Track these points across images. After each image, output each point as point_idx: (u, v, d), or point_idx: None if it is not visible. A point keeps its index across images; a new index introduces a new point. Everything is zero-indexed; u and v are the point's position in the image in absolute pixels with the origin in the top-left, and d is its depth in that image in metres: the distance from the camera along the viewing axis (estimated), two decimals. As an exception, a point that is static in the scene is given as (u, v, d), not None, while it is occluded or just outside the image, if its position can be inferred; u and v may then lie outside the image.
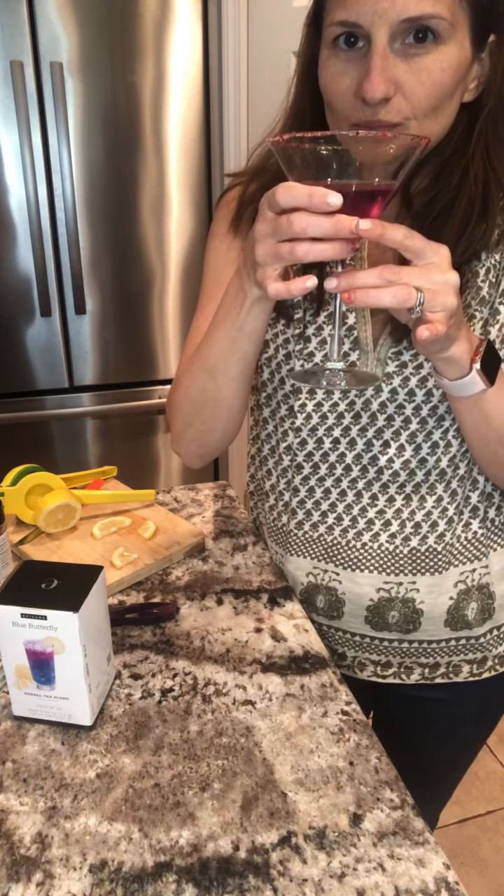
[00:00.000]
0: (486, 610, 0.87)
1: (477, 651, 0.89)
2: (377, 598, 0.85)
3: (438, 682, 0.91)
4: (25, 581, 0.68)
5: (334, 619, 0.89)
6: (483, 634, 0.88)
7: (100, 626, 0.70)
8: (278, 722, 0.70)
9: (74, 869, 0.57)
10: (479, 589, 0.85)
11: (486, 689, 0.92)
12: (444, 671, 0.90)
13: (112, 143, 1.91)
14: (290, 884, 0.55)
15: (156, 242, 2.05)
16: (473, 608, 0.86)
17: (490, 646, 0.89)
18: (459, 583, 0.85)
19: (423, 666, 0.90)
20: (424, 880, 0.56)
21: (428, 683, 0.91)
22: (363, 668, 0.91)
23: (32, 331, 2.03)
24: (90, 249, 1.99)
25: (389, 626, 0.87)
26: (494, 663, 0.90)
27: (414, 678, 0.90)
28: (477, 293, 0.73)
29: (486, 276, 0.73)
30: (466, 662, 0.89)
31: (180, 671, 0.77)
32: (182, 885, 0.55)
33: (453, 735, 0.97)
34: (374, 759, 0.66)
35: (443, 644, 0.88)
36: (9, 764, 0.66)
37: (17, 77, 1.75)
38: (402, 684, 0.91)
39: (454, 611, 0.85)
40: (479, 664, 0.89)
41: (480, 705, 0.96)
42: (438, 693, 0.92)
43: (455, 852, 1.64)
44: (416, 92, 0.62)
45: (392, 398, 0.77)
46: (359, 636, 0.89)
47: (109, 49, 1.82)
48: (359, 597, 0.86)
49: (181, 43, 1.88)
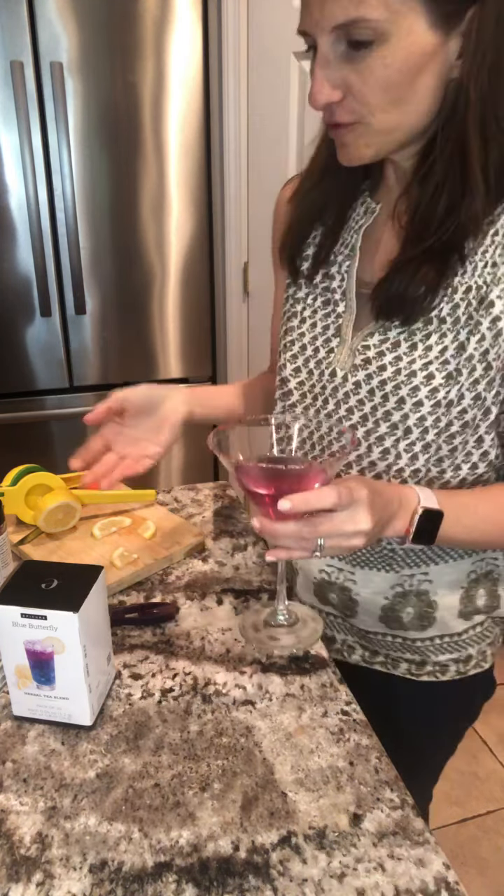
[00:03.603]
0: (424, 617, 0.87)
1: (415, 652, 0.90)
2: (319, 578, 0.90)
3: (380, 671, 0.93)
4: (25, 581, 0.68)
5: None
6: (420, 639, 0.89)
7: (100, 626, 0.70)
8: (278, 722, 0.70)
9: (74, 869, 0.57)
10: (417, 595, 0.86)
11: (435, 691, 0.93)
12: (383, 660, 0.92)
13: (112, 143, 1.91)
14: (290, 884, 0.55)
15: (156, 243, 2.05)
16: (409, 612, 0.87)
17: (428, 651, 0.90)
18: (397, 585, 0.86)
19: (365, 649, 0.93)
20: (424, 880, 0.56)
21: (368, 667, 0.94)
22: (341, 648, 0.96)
23: (32, 331, 2.02)
24: (90, 249, 1.99)
25: (332, 604, 0.92)
26: (434, 669, 0.91)
27: (355, 659, 0.94)
28: (453, 311, 0.72)
29: (466, 295, 0.72)
30: (405, 660, 0.91)
31: (180, 671, 0.77)
32: (182, 885, 0.55)
33: (408, 731, 0.97)
34: (374, 759, 0.66)
35: (380, 636, 0.91)
36: (9, 764, 0.66)
37: (17, 77, 1.75)
38: (356, 665, 0.94)
39: (388, 610, 0.87)
40: (417, 665, 0.91)
41: (430, 707, 0.95)
42: (388, 682, 0.93)
43: (455, 852, 1.64)
44: (363, 92, 0.64)
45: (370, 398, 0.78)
46: (308, 604, 0.94)
47: (109, 49, 1.82)
48: (305, 574, 0.93)
49: (181, 43, 1.88)
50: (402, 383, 0.74)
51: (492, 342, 0.70)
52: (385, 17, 0.60)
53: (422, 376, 0.73)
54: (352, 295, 0.80)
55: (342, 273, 0.81)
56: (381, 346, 0.76)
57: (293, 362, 0.84)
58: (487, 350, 0.71)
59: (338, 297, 0.81)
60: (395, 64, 0.62)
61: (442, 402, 0.73)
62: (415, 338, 0.74)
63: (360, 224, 0.80)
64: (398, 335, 0.75)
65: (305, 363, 0.83)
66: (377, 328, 0.76)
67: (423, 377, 0.73)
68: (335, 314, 0.81)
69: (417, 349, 0.73)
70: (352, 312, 0.80)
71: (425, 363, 0.73)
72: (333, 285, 0.82)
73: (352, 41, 0.62)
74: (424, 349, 0.73)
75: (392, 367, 0.75)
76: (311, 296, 0.84)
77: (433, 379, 0.73)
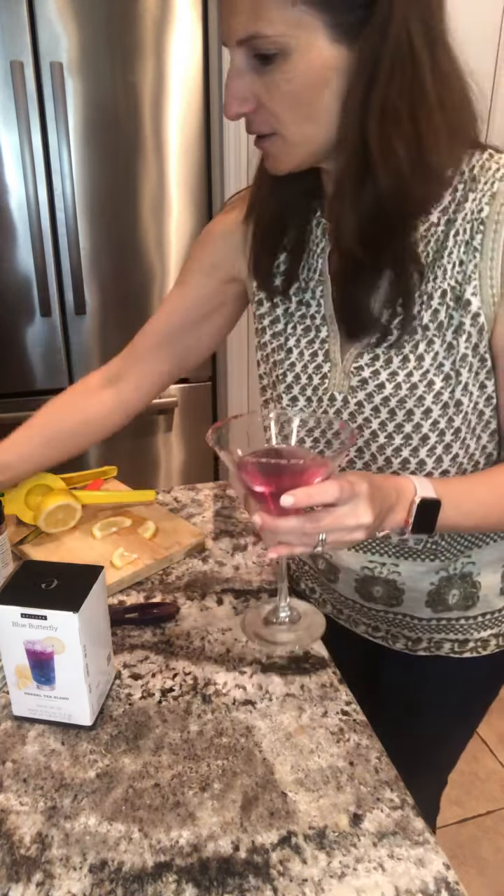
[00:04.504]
0: (469, 597, 0.89)
1: (458, 632, 0.92)
2: (362, 575, 0.89)
3: (421, 655, 0.94)
4: (25, 581, 0.68)
5: (332, 581, 0.94)
6: (464, 618, 0.91)
7: (100, 626, 0.70)
8: (278, 722, 0.70)
9: (74, 869, 0.57)
10: (461, 577, 0.88)
11: (470, 669, 0.94)
12: (426, 646, 0.93)
13: (112, 143, 1.91)
14: (290, 884, 0.55)
15: (156, 242, 2.05)
16: (455, 594, 0.89)
17: (472, 629, 0.92)
18: (442, 570, 0.87)
19: (407, 638, 0.94)
20: (424, 880, 0.56)
21: (410, 654, 0.94)
22: (356, 624, 0.97)
23: (32, 331, 2.03)
24: (90, 249, 1.99)
25: (375, 599, 0.91)
26: (476, 645, 0.93)
27: (399, 646, 0.94)
28: (434, 316, 0.72)
29: (443, 299, 0.72)
30: (448, 641, 0.92)
31: (180, 671, 0.77)
32: (182, 885, 0.55)
33: (441, 710, 1.00)
34: (374, 759, 0.66)
35: (424, 622, 0.91)
36: (9, 764, 0.66)
37: (17, 77, 1.75)
38: (390, 649, 0.95)
39: (435, 594, 0.88)
40: (460, 644, 0.93)
41: (465, 684, 0.98)
42: (423, 665, 0.95)
43: (455, 852, 1.64)
44: (272, 105, 0.65)
45: (369, 399, 0.77)
46: (351, 601, 0.94)
47: (109, 49, 1.82)
48: (347, 571, 0.91)
49: (181, 43, 1.88)
50: (406, 397, 0.75)
51: (478, 337, 0.72)
52: (283, 32, 0.60)
53: (423, 386, 0.74)
54: (332, 319, 0.79)
55: (317, 298, 0.81)
56: (374, 364, 0.76)
57: (289, 393, 0.84)
58: (477, 345, 0.72)
59: (318, 323, 0.81)
60: (297, 78, 0.63)
61: (449, 403, 0.74)
62: (404, 350, 0.74)
63: (322, 248, 0.79)
64: (387, 350, 0.75)
65: (302, 391, 0.83)
66: (364, 348, 0.77)
67: (424, 386, 0.74)
68: (319, 339, 0.81)
69: (410, 361, 0.74)
70: (336, 336, 0.79)
71: (423, 373, 0.74)
72: (311, 311, 0.81)
73: (258, 55, 0.62)
74: (417, 359, 0.74)
75: (391, 384, 0.75)
76: (290, 324, 0.83)
77: (434, 385, 0.74)
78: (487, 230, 0.69)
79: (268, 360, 0.87)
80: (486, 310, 0.71)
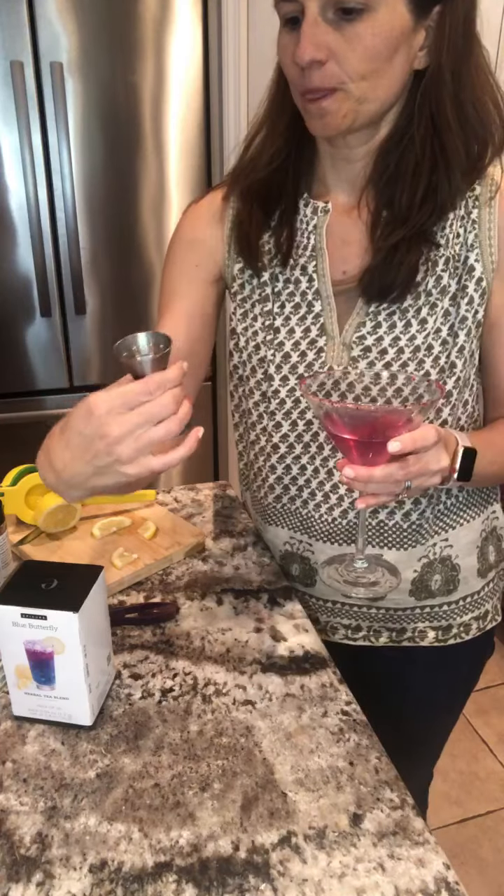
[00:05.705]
0: (450, 581, 0.91)
1: (441, 619, 0.93)
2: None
3: (406, 646, 0.95)
4: (25, 581, 0.68)
5: (308, 586, 0.94)
6: (447, 604, 0.92)
7: (100, 626, 0.70)
8: (278, 722, 0.70)
9: (74, 869, 0.57)
10: (441, 561, 0.89)
11: (454, 655, 0.96)
12: (410, 636, 0.94)
13: (112, 143, 1.91)
14: (290, 884, 0.55)
15: (156, 242, 2.05)
16: (437, 580, 0.90)
17: (454, 615, 0.93)
18: (423, 557, 0.89)
19: (391, 630, 0.95)
20: (424, 880, 0.56)
21: (396, 646, 0.95)
22: (335, 631, 0.96)
23: (32, 331, 2.02)
24: (90, 249, 1.99)
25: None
26: (459, 631, 0.94)
27: (382, 641, 0.95)
28: (437, 282, 0.77)
29: (446, 266, 0.77)
30: (432, 629, 0.94)
31: (180, 671, 0.77)
32: (182, 885, 0.55)
33: (428, 700, 1.01)
34: (374, 759, 0.66)
35: (408, 611, 0.92)
36: (9, 764, 0.66)
37: (17, 77, 1.75)
38: (372, 647, 0.96)
39: (418, 582, 0.90)
40: (443, 631, 0.94)
41: (450, 671, 0.99)
42: (409, 657, 0.96)
43: (455, 852, 1.64)
44: (348, 57, 0.67)
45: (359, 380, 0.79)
46: (330, 602, 0.94)
47: (109, 49, 1.82)
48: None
49: (181, 43, 1.88)
50: (408, 360, 0.79)
51: (479, 301, 0.78)
52: None
53: (424, 348, 0.78)
54: (329, 293, 0.81)
55: (309, 274, 0.82)
56: (377, 331, 0.79)
57: (279, 372, 0.84)
58: (477, 310, 0.78)
59: (310, 298, 0.82)
60: (382, 35, 0.66)
61: (445, 367, 0.79)
62: (408, 315, 0.78)
63: (314, 224, 0.81)
64: (389, 317, 0.78)
65: (293, 370, 0.83)
66: (365, 317, 0.79)
67: (425, 349, 0.78)
68: (313, 315, 0.82)
69: (412, 325, 0.78)
70: (332, 309, 0.81)
71: (425, 335, 0.78)
72: (302, 288, 0.82)
73: (343, 8, 0.65)
74: (419, 323, 0.78)
75: (393, 349, 0.79)
76: (277, 303, 0.84)
77: (433, 349, 0.78)
78: (482, 206, 0.76)
79: (247, 346, 0.87)
80: (488, 276, 0.77)
